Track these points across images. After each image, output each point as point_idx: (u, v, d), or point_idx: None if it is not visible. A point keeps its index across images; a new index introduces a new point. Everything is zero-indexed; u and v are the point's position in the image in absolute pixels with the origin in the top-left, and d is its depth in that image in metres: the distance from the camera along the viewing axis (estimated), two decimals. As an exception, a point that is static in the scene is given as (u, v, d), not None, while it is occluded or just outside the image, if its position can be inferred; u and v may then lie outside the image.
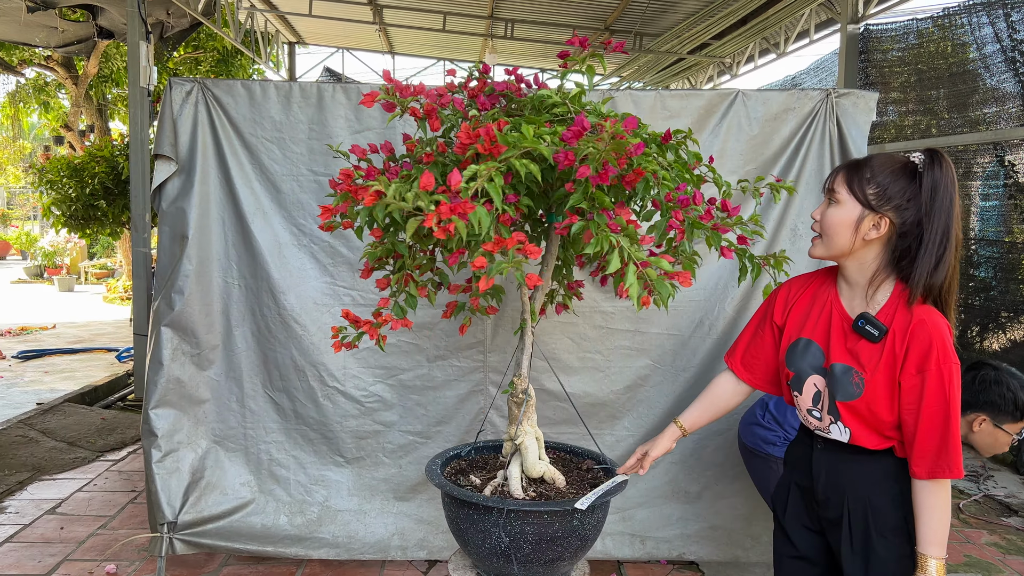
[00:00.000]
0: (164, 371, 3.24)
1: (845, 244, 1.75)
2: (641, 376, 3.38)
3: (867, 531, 1.80)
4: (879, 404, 1.72)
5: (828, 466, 1.88)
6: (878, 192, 1.70)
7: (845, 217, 1.73)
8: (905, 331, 1.69)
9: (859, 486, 1.82)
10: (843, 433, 1.81)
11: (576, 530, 2.00)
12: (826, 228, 1.78)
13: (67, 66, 11.31)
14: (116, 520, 3.90)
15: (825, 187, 1.82)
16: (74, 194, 7.55)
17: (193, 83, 3.22)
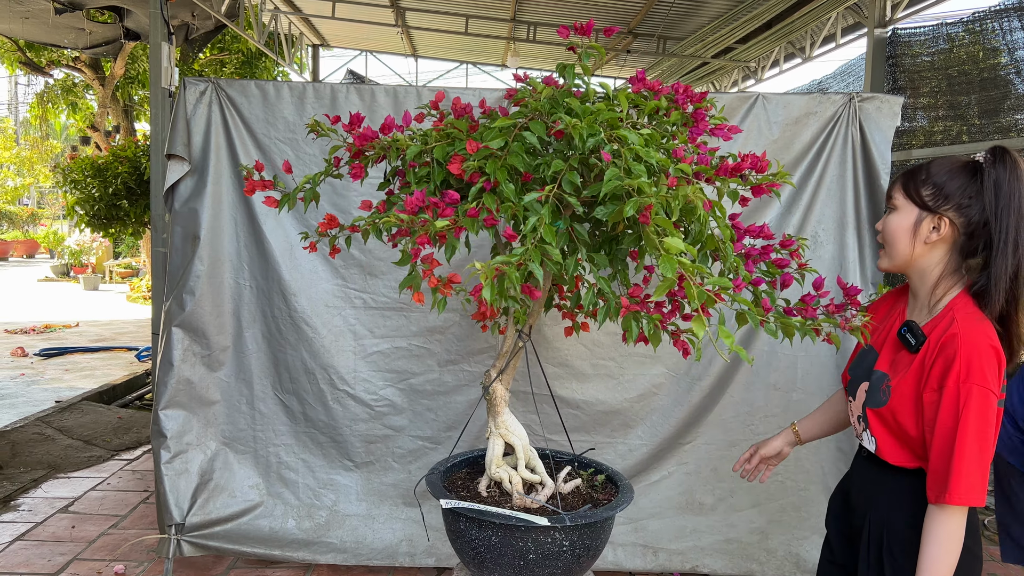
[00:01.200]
0: (174, 372, 3.22)
1: (906, 251, 1.69)
2: (655, 384, 3.32)
3: (881, 550, 1.74)
4: (904, 415, 1.65)
5: (861, 475, 1.87)
6: (934, 192, 1.64)
7: (903, 222, 1.69)
8: (938, 342, 1.60)
9: (881, 502, 1.77)
10: (870, 442, 1.78)
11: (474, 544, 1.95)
12: (886, 237, 1.73)
13: (94, 67, 11.44)
14: (127, 520, 3.90)
15: (887, 195, 1.78)
16: (97, 194, 7.60)
17: (207, 83, 3.21)
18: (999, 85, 4.88)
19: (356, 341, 3.31)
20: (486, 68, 13.28)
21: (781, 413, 3.33)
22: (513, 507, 2.05)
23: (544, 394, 3.29)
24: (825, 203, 3.26)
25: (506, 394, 2.22)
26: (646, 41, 8.85)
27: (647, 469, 3.38)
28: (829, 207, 3.27)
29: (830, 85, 6.55)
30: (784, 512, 3.34)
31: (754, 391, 3.32)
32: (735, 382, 3.32)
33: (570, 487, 2.15)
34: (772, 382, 3.30)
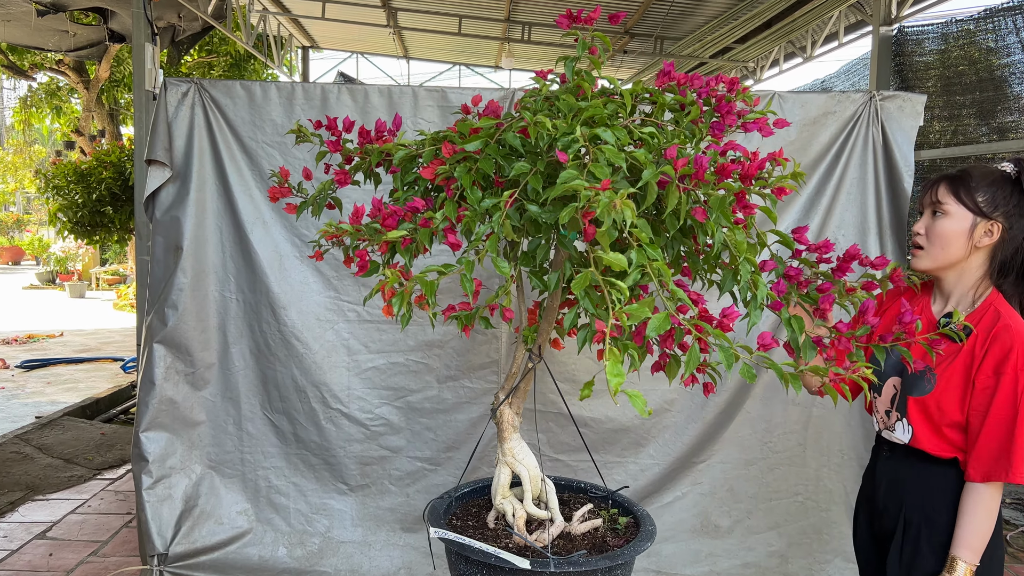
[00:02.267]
0: (156, 391, 3.03)
1: (959, 253, 1.77)
2: (667, 400, 3.14)
3: (918, 546, 1.78)
4: (949, 401, 1.73)
5: (890, 474, 1.89)
6: (988, 199, 1.73)
7: (958, 226, 1.75)
8: (988, 332, 1.70)
9: (918, 496, 1.81)
10: (905, 431, 1.82)
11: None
12: (936, 239, 1.78)
13: (79, 70, 11.20)
14: (108, 546, 3.69)
15: (923, 201, 1.84)
16: (81, 200, 7.40)
17: (189, 84, 3.01)
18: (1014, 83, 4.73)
19: (350, 357, 3.12)
20: (479, 70, 13.09)
21: (801, 430, 3.15)
22: (510, 544, 1.87)
23: (551, 412, 3.12)
24: (845, 207, 3.09)
25: (515, 419, 2.04)
26: (643, 41, 8.69)
27: (659, 490, 3.19)
28: (849, 211, 3.10)
29: (834, 85, 6.38)
30: (805, 534, 3.16)
31: (772, 406, 3.14)
32: (752, 397, 3.14)
33: (586, 527, 1.95)
34: (791, 396, 3.12)
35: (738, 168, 1.48)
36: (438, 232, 1.61)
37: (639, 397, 1.28)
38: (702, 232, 1.47)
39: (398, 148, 1.77)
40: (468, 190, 1.59)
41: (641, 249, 1.35)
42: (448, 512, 2.03)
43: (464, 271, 1.54)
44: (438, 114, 3.04)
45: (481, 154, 1.62)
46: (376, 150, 1.81)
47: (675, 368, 1.71)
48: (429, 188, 1.83)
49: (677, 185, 1.39)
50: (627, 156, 1.47)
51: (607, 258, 1.29)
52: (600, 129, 1.48)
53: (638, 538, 1.91)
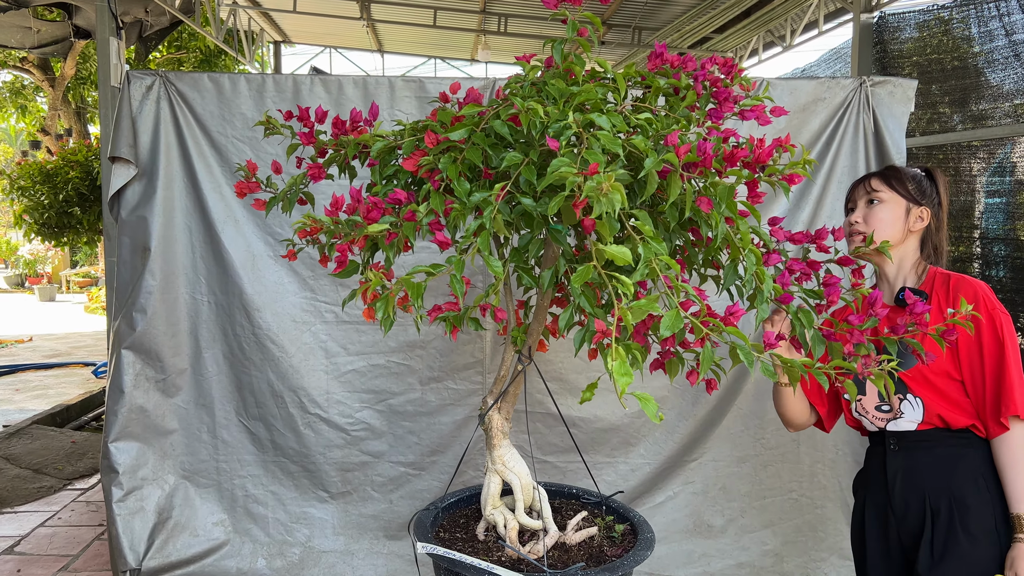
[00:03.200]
0: (125, 399, 2.89)
1: (897, 236, 1.85)
2: (658, 398, 3.04)
3: (952, 531, 1.70)
4: (939, 361, 1.75)
5: (906, 467, 1.81)
6: (916, 188, 1.87)
7: (894, 212, 1.85)
8: (947, 289, 1.79)
9: (940, 480, 1.74)
10: (916, 406, 1.78)
11: None
12: (874, 224, 1.86)
13: (44, 68, 10.91)
14: (79, 560, 3.54)
15: (854, 195, 1.92)
16: (47, 201, 7.20)
17: (154, 76, 2.87)
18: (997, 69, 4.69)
19: (328, 359, 3.00)
20: (455, 63, 12.94)
21: (794, 425, 3.08)
22: (503, 558, 1.77)
23: (538, 412, 3.02)
24: (836, 196, 3.02)
25: (505, 425, 1.93)
26: (621, 32, 8.60)
27: (651, 490, 3.11)
28: (840, 200, 3.01)
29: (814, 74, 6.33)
30: (800, 532, 3.09)
31: (764, 402, 3.06)
32: (744, 392, 3.06)
33: (581, 537, 1.85)
34: (783, 392, 3.04)
35: (747, 155, 1.38)
36: (423, 226, 1.50)
37: (650, 401, 1.18)
38: (705, 224, 1.37)
39: (376, 139, 1.66)
40: (455, 182, 1.48)
41: (647, 243, 1.25)
42: (435, 524, 1.93)
43: (454, 271, 1.43)
44: (416, 105, 2.92)
45: (467, 143, 1.51)
46: (352, 142, 1.69)
47: (676, 366, 1.62)
48: (410, 182, 1.72)
49: (680, 174, 1.29)
50: (624, 143, 1.37)
51: (609, 251, 1.19)
52: (595, 115, 1.37)
53: (637, 547, 1.81)
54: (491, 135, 1.55)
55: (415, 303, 1.45)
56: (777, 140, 1.50)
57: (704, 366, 1.34)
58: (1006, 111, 4.93)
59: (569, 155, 1.35)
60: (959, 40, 5.13)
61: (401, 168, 1.63)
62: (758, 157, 1.44)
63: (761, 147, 1.44)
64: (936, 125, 5.29)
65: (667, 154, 1.36)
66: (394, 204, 1.49)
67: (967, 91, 5.03)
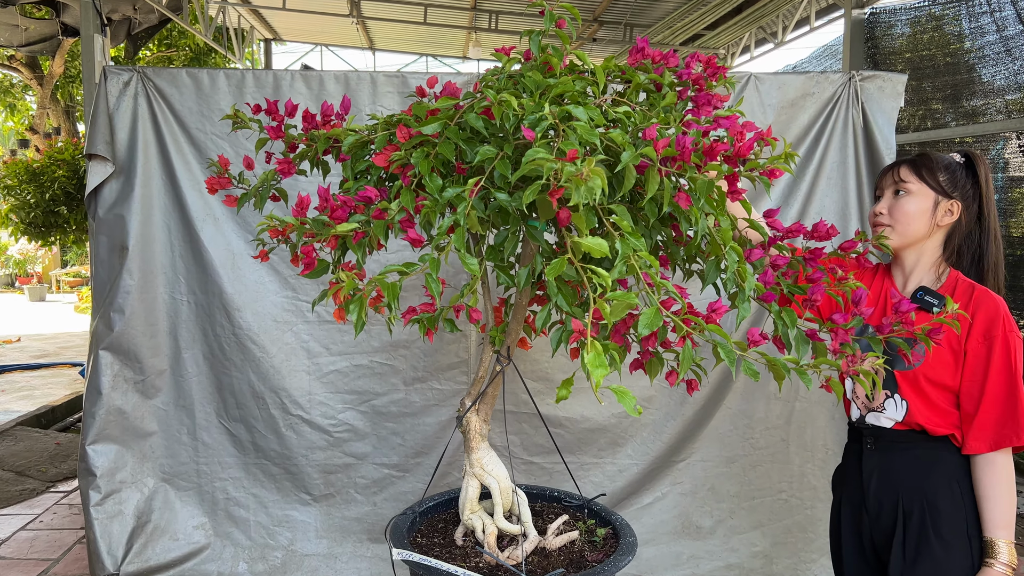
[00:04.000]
0: (103, 401, 2.84)
1: (922, 231, 1.78)
2: (645, 397, 3.00)
3: (924, 534, 1.70)
4: (942, 371, 1.70)
5: (881, 467, 1.79)
6: (948, 179, 1.76)
7: (922, 204, 1.77)
8: (968, 300, 1.71)
9: (914, 481, 1.73)
10: (899, 408, 1.75)
11: None
12: (901, 216, 1.78)
13: (32, 66, 10.83)
14: (60, 564, 3.49)
15: (882, 183, 1.85)
16: (33, 200, 7.11)
17: (131, 72, 2.82)
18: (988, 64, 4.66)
19: (310, 360, 2.95)
20: (447, 60, 12.88)
21: (783, 425, 3.04)
22: (481, 564, 1.72)
23: (524, 412, 2.97)
24: (825, 192, 2.98)
25: (483, 427, 1.88)
26: (612, 29, 8.55)
27: (638, 491, 3.06)
28: (830, 196, 2.98)
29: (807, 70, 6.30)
30: (789, 533, 3.05)
31: (753, 401, 3.03)
32: (732, 392, 3.02)
33: (562, 541, 1.81)
34: (772, 391, 3.00)
35: (726, 149, 1.33)
36: (394, 225, 1.45)
37: (627, 394, 1.14)
38: (684, 220, 1.33)
39: (347, 133, 1.61)
40: (427, 177, 1.43)
41: (624, 238, 1.21)
42: (412, 529, 1.88)
43: (429, 270, 1.38)
44: (398, 101, 2.87)
45: (440, 137, 1.46)
46: (323, 136, 1.64)
47: (656, 366, 1.57)
48: (383, 177, 1.67)
49: (658, 169, 1.24)
50: (602, 137, 1.32)
51: (586, 244, 1.14)
52: (571, 106, 1.33)
53: (618, 552, 1.77)
54: (465, 129, 1.51)
55: (391, 304, 1.40)
56: (759, 133, 1.45)
57: (684, 365, 1.30)
58: (998, 107, 4.90)
59: (545, 146, 1.30)
60: (951, 36, 5.10)
61: (373, 164, 1.58)
62: (738, 151, 1.39)
63: (742, 140, 1.39)
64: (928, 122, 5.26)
65: (645, 148, 1.32)
66: (364, 202, 1.44)
67: (959, 87, 5.00)
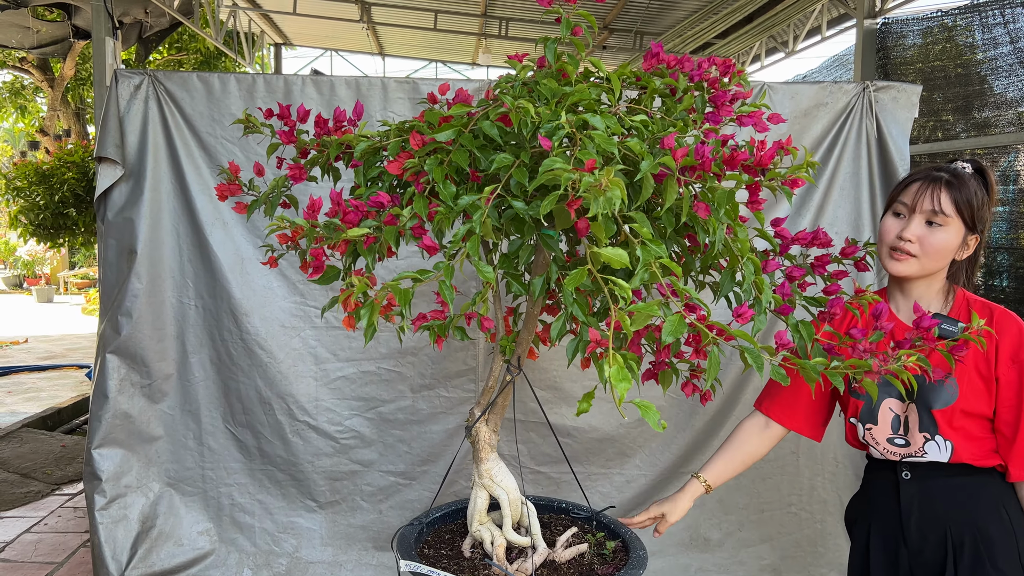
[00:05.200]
0: (109, 405, 2.83)
1: (944, 265, 1.67)
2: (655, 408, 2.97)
3: (979, 568, 1.60)
4: (976, 400, 1.61)
5: (922, 497, 1.67)
6: (979, 214, 1.65)
7: (953, 240, 1.64)
8: (990, 324, 1.61)
9: (967, 513, 1.62)
10: (943, 449, 1.64)
11: None
12: (932, 251, 1.63)
13: (43, 68, 10.87)
14: (64, 568, 3.47)
15: (919, 203, 1.64)
16: (42, 202, 7.14)
17: (142, 75, 2.82)
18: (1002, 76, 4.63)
19: (317, 365, 2.93)
20: (456, 67, 12.90)
21: (793, 437, 3.00)
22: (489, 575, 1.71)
23: (531, 421, 2.95)
24: (838, 203, 2.96)
25: (493, 437, 1.87)
26: (623, 37, 8.55)
27: (646, 502, 3.03)
28: (843, 207, 2.96)
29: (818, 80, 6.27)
30: (799, 547, 3.02)
31: (763, 413, 2.99)
32: (742, 403, 2.99)
33: (571, 554, 1.79)
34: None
35: (747, 158, 1.32)
36: (406, 231, 1.43)
37: (651, 408, 1.12)
38: (702, 231, 1.31)
39: (359, 140, 1.59)
40: (440, 185, 1.42)
41: (646, 246, 1.19)
42: (419, 540, 1.86)
43: (443, 277, 1.37)
44: (409, 107, 2.86)
45: (453, 145, 1.45)
46: (335, 142, 1.63)
47: (670, 377, 1.56)
48: (395, 184, 1.66)
49: (677, 178, 1.23)
50: (619, 146, 1.31)
51: (606, 254, 1.13)
52: (588, 115, 1.31)
53: (628, 565, 1.75)
54: (479, 136, 1.49)
55: (404, 312, 1.38)
56: (778, 143, 1.44)
57: (711, 373, 1.29)
58: (1010, 119, 4.86)
59: (562, 155, 1.29)
60: (963, 47, 5.07)
61: (385, 170, 1.57)
62: (759, 160, 1.38)
63: (762, 150, 1.38)
64: (939, 133, 5.23)
65: (663, 157, 1.30)
66: (376, 207, 1.43)
67: (971, 99, 4.97)
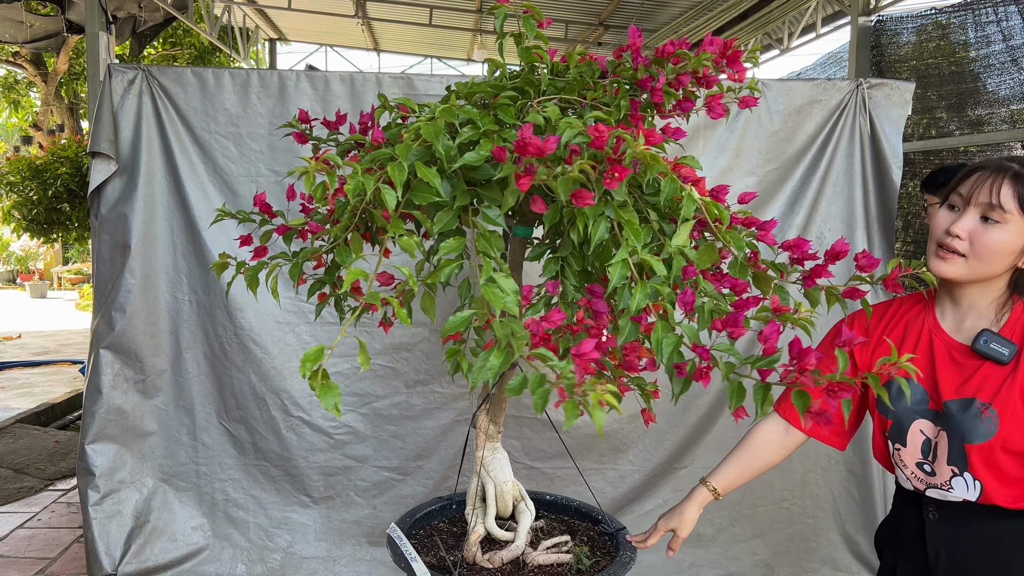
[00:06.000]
0: (103, 400, 2.83)
1: (1000, 270, 1.43)
2: (648, 403, 2.98)
3: None
4: (1018, 439, 1.38)
5: (950, 540, 1.49)
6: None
7: (1011, 242, 1.39)
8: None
9: (996, 561, 1.44)
10: (972, 488, 1.43)
11: None
12: (983, 251, 1.40)
13: (36, 63, 10.84)
14: (57, 563, 3.47)
15: (975, 197, 1.42)
16: (36, 197, 7.12)
17: (136, 70, 2.81)
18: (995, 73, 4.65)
19: (312, 361, 2.93)
20: (451, 62, 12.89)
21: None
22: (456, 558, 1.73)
23: (525, 417, 2.96)
24: (832, 200, 2.97)
25: (491, 428, 1.87)
26: (618, 33, 8.55)
27: (639, 497, 3.05)
28: (836, 204, 2.97)
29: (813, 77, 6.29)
30: (791, 542, 3.04)
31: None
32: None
33: (549, 560, 1.77)
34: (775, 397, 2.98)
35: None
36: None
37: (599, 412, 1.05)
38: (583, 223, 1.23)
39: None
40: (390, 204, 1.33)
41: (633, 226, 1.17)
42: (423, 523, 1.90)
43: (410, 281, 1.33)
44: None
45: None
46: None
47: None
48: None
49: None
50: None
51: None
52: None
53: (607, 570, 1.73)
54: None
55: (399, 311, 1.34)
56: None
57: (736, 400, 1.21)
58: (1003, 116, 4.88)
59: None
60: (956, 45, 5.09)
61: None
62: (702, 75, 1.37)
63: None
64: (933, 130, 5.24)
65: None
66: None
67: (964, 96, 4.99)
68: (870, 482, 2.96)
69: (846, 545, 3.01)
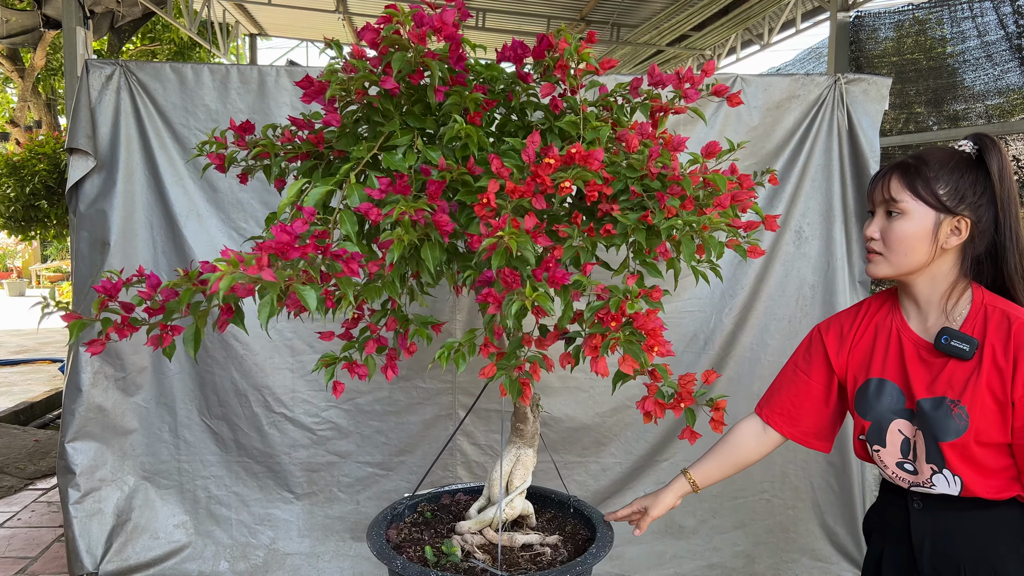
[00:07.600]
0: (83, 398, 2.81)
1: (923, 258, 1.47)
2: (629, 397, 3.00)
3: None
4: (990, 430, 1.41)
5: (934, 529, 1.52)
6: (950, 191, 1.44)
7: (918, 228, 1.45)
8: (1007, 339, 1.40)
9: (979, 549, 1.47)
10: (952, 484, 1.46)
11: None
12: (894, 244, 1.48)
13: (13, 58, 10.69)
14: (38, 563, 3.45)
15: (874, 198, 1.52)
16: (13, 194, 7.05)
17: (114, 66, 2.79)
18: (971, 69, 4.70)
19: (294, 357, 2.93)
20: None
21: (766, 425, 3.05)
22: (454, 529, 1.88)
23: (509, 411, 2.96)
24: (810, 195, 2.99)
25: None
26: (599, 28, 8.55)
27: (621, 489, 3.07)
28: (814, 199, 3.00)
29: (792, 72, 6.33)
30: (771, 533, 3.07)
31: (736, 402, 3.02)
32: (715, 392, 3.02)
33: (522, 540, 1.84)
34: (756, 391, 3.01)
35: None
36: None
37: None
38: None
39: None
40: None
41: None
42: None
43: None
44: (385, 98, 2.85)
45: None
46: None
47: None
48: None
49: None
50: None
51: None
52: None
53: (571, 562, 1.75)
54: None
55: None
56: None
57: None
58: (979, 112, 4.94)
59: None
60: (933, 41, 5.15)
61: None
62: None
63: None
64: (912, 125, 5.30)
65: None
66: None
67: (941, 92, 5.05)
68: (848, 473, 3.00)
69: (825, 535, 3.05)
